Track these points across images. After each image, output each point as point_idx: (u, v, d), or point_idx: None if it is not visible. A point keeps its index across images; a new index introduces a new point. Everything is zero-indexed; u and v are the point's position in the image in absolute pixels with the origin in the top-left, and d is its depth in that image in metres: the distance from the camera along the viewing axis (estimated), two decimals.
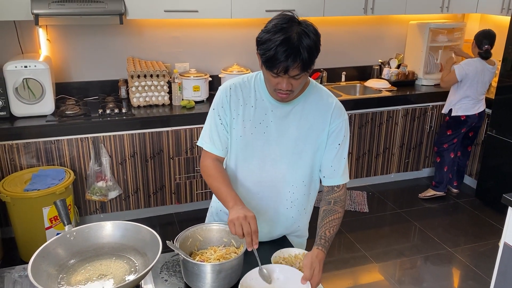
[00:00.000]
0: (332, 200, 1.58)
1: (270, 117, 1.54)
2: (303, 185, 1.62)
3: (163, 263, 1.54)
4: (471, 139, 3.95)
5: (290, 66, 1.32)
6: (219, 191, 1.52)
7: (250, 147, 1.57)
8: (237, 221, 1.35)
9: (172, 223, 3.49)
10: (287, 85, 1.38)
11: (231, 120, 1.56)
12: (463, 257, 3.16)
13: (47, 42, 3.36)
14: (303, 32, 1.32)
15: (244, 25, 3.81)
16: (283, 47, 1.30)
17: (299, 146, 1.55)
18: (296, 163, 1.58)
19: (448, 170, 3.93)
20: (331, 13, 3.65)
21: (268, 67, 1.36)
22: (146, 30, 3.58)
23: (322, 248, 1.44)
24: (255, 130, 1.55)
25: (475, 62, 3.62)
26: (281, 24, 1.33)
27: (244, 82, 1.57)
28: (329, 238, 1.49)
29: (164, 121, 3.25)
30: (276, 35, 1.31)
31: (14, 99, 3.00)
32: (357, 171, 4.04)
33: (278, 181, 1.60)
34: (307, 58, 1.32)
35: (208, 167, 1.59)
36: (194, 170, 3.44)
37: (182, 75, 3.51)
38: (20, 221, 2.85)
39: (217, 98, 1.59)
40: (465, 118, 3.73)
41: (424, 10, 4.01)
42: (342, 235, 3.40)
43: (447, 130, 3.85)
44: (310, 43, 1.33)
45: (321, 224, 1.52)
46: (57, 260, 1.37)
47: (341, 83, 4.26)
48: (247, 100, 1.55)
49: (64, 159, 3.10)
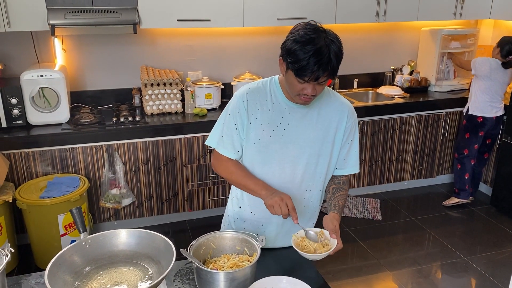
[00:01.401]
0: (341, 181, 1.71)
1: (287, 119, 1.60)
2: (320, 182, 1.69)
3: (177, 271, 1.55)
4: (489, 146, 3.89)
5: (320, 75, 1.41)
6: (246, 185, 1.61)
7: (268, 150, 1.61)
8: (275, 204, 1.47)
9: (185, 230, 3.51)
10: (313, 90, 1.46)
11: (248, 125, 1.60)
12: (478, 266, 3.11)
13: (62, 52, 3.43)
14: (331, 41, 1.42)
15: (256, 33, 3.83)
16: (315, 58, 1.38)
17: (316, 147, 1.62)
18: (314, 163, 1.64)
19: (470, 177, 3.88)
20: (343, 21, 3.66)
21: (299, 75, 1.43)
22: (159, 39, 3.62)
23: (337, 212, 1.58)
24: (273, 133, 1.60)
25: (489, 61, 3.62)
26: (310, 35, 1.41)
27: (259, 87, 1.62)
28: (341, 207, 1.62)
29: (177, 128, 3.28)
30: (307, 46, 1.39)
31: (30, 108, 3.06)
32: (370, 179, 4.02)
33: (297, 182, 1.65)
34: (335, 65, 1.43)
35: (226, 166, 1.65)
36: (207, 178, 3.46)
37: (195, 83, 3.54)
38: (35, 228, 2.90)
39: (233, 103, 1.62)
40: (482, 120, 3.69)
41: (436, 17, 3.99)
42: (356, 243, 3.38)
43: (465, 134, 3.81)
44: (337, 51, 1.42)
45: (332, 197, 1.65)
46: (73, 268, 1.38)
47: (354, 90, 4.26)
48: (264, 104, 1.60)
49: (79, 167, 3.14)
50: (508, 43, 3.54)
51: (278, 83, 1.61)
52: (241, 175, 1.62)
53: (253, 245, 1.48)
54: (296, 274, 1.44)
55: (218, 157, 1.66)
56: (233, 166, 1.64)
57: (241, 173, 1.62)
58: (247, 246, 1.51)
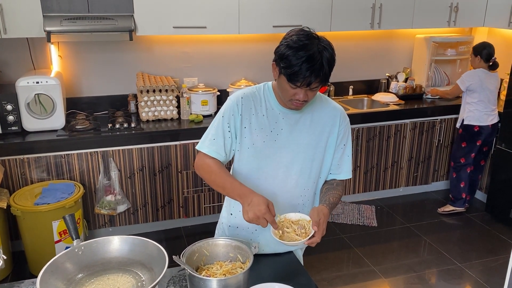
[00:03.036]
0: (334, 183, 1.69)
1: (281, 125, 1.60)
2: (313, 186, 1.70)
3: (170, 278, 1.55)
4: (485, 153, 3.91)
5: (312, 81, 1.42)
6: (225, 186, 1.55)
7: (262, 155, 1.62)
8: (257, 221, 1.41)
9: (180, 237, 3.50)
10: (304, 96, 1.47)
11: (242, 129, 1.60)
12: (473, 273, 3.12)
13: (58, 58, 3.43)
14: (324, 48, 1.44)
15: (251, 41, 3.85)
16: (308, 64, 1.40)
17: (310, 151, 1.63)
18: (308, 168, 1.65)
19: (466, 185, 3.89)
20: (338, 28, 3.69)
21: (291, 81, 1.44)
22: (155, 46, 3.64)
23: (327, 206, 1.53)
24: (266, 138, 1.60)
25: (477, 72, 3.68)
26: (304, 41, 1.42)
27: (254, 92, 1.63)
28: (332, 203, 1.58)
29: (173, 135, 3.28)
30: (299, 52, 1.40)
31: (26, 114, 3.06)
32: (365, 185, 4.03)
33: (291, 186, 1.66)
34: (327, 72, 1.44)
35: (208, 165, 1.59)
36: (202, 184, 3.46)
37: (191, 90, 3.55)
38: (30, 234, 2.88)
39: (227, 106, 1.62)
40: (479, 129, 3.71)
41: (431, 24, 4.03)
42: (351, 249, 3.38)
43: (462, 142, 3.83)
44: (329, 57, 1.44)
45: (325, 194, 1.62)
46: (66, 275, 1.38)
47: (349, 97, 4.28)
48: (258, 109, 1.61)
49: (74, 173, 3.14)
50: (483, 48, 3.63)
51: (272, 89, 1.62)
52: (219, 175, 1.56)
53: (246, 252, 1.48)
54: (289, 281, 1.44)
55: (203, 157, 1.62)
56: (215, 166, 1.58)
57: (220, 174, 1.56)
58: (240, 253, 1.51)
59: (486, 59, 3.62)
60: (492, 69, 3.65)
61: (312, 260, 3.15)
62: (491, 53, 3.62)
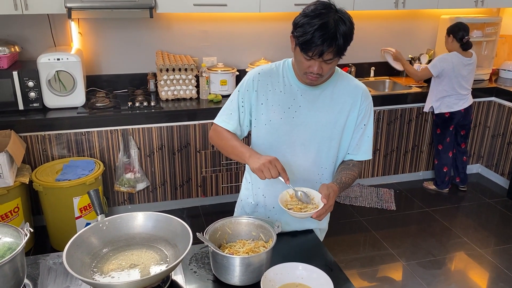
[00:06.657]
0: (351, 164, 1.66)
1: (299, 102, 1.58)
2: (332, 166, 1.67)
3: (192, 255, 1.55)
4: (464, 136, 3.88)
5: (325, 50, 1.37)
6: (234, 148, 1.56)
7: (279, 132, 1.60)
8: (264, 167, 1.41)
9: (198, 216, 3.52)
10: (318, 68, 1.43)
11: (258, 106, 1.59)
12: (493, 259, 3.08)
13: (78, 35, 3.43)
14: (340, 19, 1.38)
15: (272, 19, 3.78)
16: (320, 32, 1.35)
17: (328, 130, 1.59)
18: (326, 147, 1.62)
19: (449, 169, 3.89)
20: (362, 7, 3.59)
21: (304, 50, 1.40)
22: (175, 24, 3.60)
23: (337, 184, 1.51)
24: (284, 115, 1.58)
25: (451, 57, 3.57)
26: (320, 10, 1.38)
27: (272, 68, 1.61)
28: (344, 183, 1.56)
29: (192, 114, 3.27)
30: (314, 20, 1.37)
31: (47, 91, 3.08)
32: (384, 168, 3.98)
33: (308, 165, 1.64)
34: (342, 44, 1.38)
35: (222, 132, 1.62)
36: (220, 164, 3.45)
37: (210, 69, 3.52)
38: (51, 210, 2.93)
39: (244, 81, 1.63)
40: (450, 115, 3.68)
41: (457, 4, 3.90)
42: (368, 232, 3.36)
43: (436, 129, 3.82)
44: (346, 30, 1.38)
45: (338, 173, 1.60)
46: (91, 249, 1.39)
47: (370, 79, 4.20)
48: (276, 86, 1.59)
49: (94, 151, 3.16)
50: (456, 27, 3.55)
51: (291, 65, 1.60)
52: (230, 140, 1.58)
53: (269, 231, 1.47)
54: (311, 261, 1.42)
55: (216, 128, 1.65)
56: (228, 134, 1.61)
57: (232, 140, 1.58)
58: (263, 232, 1.50)
59: (459, 38, 3.53)
60: (465, 49, 3.56)
61: (329, 242, 3.12)
62: (465, 33, 3.52)
